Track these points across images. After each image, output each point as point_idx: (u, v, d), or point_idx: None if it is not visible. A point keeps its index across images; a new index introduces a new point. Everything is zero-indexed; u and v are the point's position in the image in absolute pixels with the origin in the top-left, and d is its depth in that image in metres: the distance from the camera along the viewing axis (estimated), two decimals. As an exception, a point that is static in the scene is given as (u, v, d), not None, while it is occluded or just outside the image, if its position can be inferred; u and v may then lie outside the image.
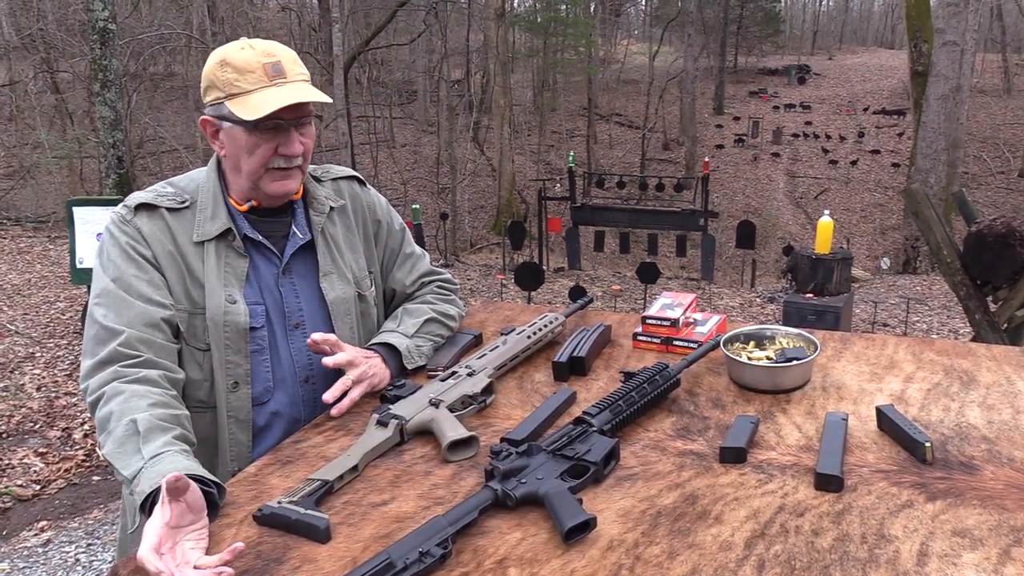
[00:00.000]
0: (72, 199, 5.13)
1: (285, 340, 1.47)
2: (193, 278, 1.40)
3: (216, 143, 1.44)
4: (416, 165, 22.97)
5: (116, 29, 7.76)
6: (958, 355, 1.55)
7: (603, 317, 1.83)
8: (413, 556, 0.93)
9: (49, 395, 4.90)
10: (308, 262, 1.52)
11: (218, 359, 1.40)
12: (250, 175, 1.41)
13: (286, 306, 1.48)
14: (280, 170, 1.42)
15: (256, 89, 1.36)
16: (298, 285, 1.50)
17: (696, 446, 1.23)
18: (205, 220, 1.43)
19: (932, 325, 7.43)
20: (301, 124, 1.41)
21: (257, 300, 1.44)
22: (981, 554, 0.94)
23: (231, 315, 1.39)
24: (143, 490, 1.12)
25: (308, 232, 1.52)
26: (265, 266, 1.48)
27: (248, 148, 1.39)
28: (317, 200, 1.54)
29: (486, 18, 17.91)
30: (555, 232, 11.92)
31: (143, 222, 1.40)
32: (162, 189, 1.47)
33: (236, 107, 1.35)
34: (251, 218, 1.47)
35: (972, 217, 4.21)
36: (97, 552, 3.38)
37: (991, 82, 29.41)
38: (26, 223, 12.30)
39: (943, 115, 11.46)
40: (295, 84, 1.39)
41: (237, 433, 1.42)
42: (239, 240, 1.44)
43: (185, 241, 1.41)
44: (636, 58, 34.81)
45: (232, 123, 1.38)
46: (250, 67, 1.36)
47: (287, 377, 1.47)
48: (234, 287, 1.42)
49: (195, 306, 1.40)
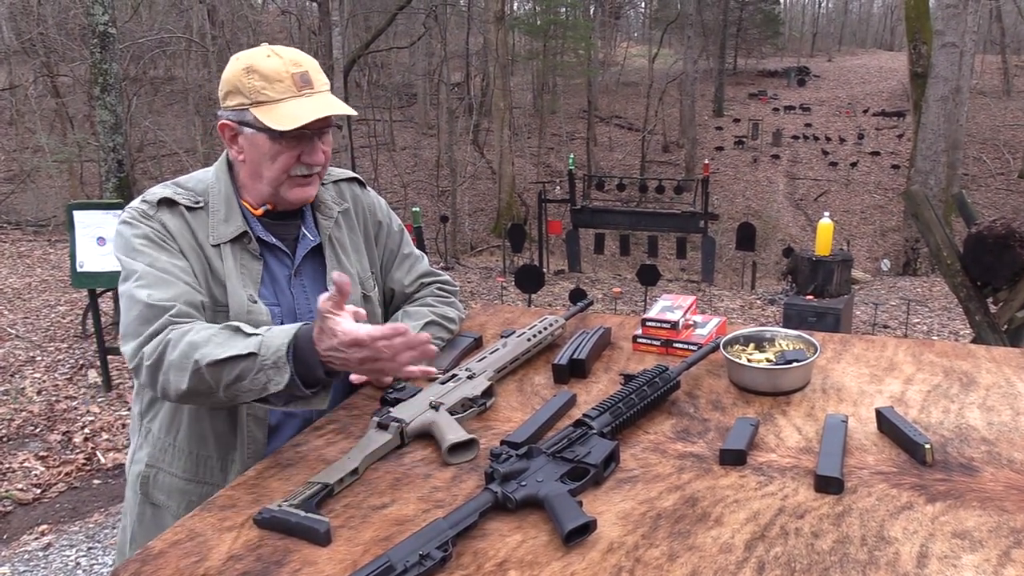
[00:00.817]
0: (72, 203, 5.13)
1: None
2: (215, 276, 1.41)
3: (235, 148, 1.44)
4: (416, 168, 22.98)
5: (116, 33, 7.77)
6: (958, 357, 1.55)
7: (603, 319, 1.83)
8: (413, 559, 0.93)
9: (50, 399, 4.90)
10: (317, 264, 1.53)
11: None
12: (272, 182, 1.42)
13: (297, 308, 1.49)
14: (301, 177, 1.43)
15: (285, 99, 1.37)
16: (308, 287, 1.52)
17: (696, 448, 1.23)
18: (218, 223, 1.43)
19: (932, 327, 7.43)
20: (323, 133, 1.43)
21: (273, 302, 1.46)
22: (981, 556, 0.94)
23: (254, 314, 1.39)
24: (280, 344, 1.18)
25: (317, 235, 1.54)
26: (278, 268, 1.49)
27: (271, 155, 1.40)
28: (324, 204, 1.56)
29: (486, 21, 17.94)
30: (555, 234, 11.93)
31: (166, 217, 1.40)
32: (174, 188, 1.46)
33: (264, 115, 1.36)
34: (264, 221, 1.48)
35: (972, 218, 4.21)
36: (98, 556, 3.38)
37: (990, 83, 29.43)
38: (26, 227, 12.32)
39: (943, 117, 11.47)
40: (322, 95, 1.40)
41: (254, 431, 1.43)
42: (254, 243, 1.44)
43: (204, 240, 1.42)
44: (635, 60, 34.82)
45: (256, 130, 1.38)
46: (279, 76, 1.37)
47: None
48: (251, 289, 1.42)
49: (216, 303, 1.40)
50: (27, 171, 14.29)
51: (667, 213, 11.64)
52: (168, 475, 1.45)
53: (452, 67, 23.34)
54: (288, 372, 1.17)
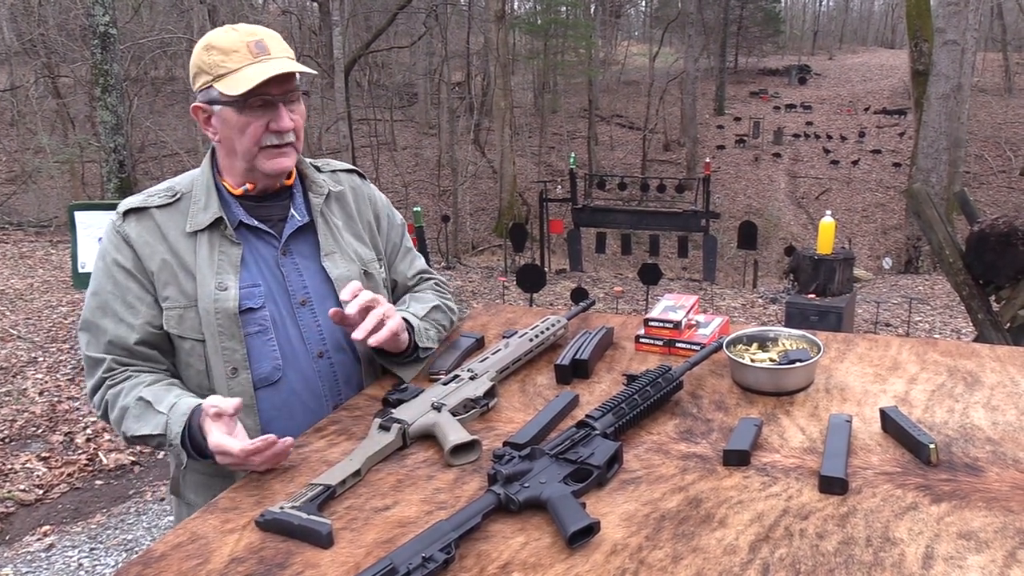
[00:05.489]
0: (74, 203, 5.13)
1: (292, 318, 1.49)
2: (186, 272, 1.43)
3: (209, 129, 1.46)
4: (417, 168, 22.98)
5: (117, 34, 7.77)
6: (962, 356, 1.54)
7: (605, 319, 1.83)
8: (416, 561, 0.93)
9: (52, 399, 4.91)
10: (308, 243, 1.55)
11: (213, 347, 1.42)
12: (245, 155, 1.44)
13: (289, 285, 1.50)
14: (273, 147, 1.44)
15: (241, 67, 1.38)
16: (300, 264, 1.52)
17: (699, 449, 1.23)
18: (198, 211, 1.46)
19: (935, 325, 7.42)
20: (290, 100, 1.44)
21: (255, 283, 1.46)
22: (987, 556, 0.93)
23: (220, 302, 1.41)
24: (176, 432, 1.29)
25: (307, 215, 1.55)
26: (266, 249, 1.50)
27: (239, 127, 1.41)
28: (316, 183, 1.58)
29: (486, 20, 17.93)
30: (556, 234, 11.91)
31: (131, 227, 1.44)
32: (155, 189, 1.51)
33: (223, 86, 1.38)
34: (247, 204, 1.50)
35: (974, 216, 4.20)
36: (100, 556, 3.38)
37: (992, 81, 29.39)
38: (28, 228, 12.33)
39: (944, 114, 11.45)
40: (279, 60, 1.41)
41: (243, 419, 1.42)
42: (230, 229, 1.46)
43: (177, 236, 1.44)
44: (636, 59, 34.80)
45: (222, 105, 1.41)
46: (235, 47, 1.39)
47: (299, 353, 1.49)
48: (228, 273, 1.43)
49: (188, 300, 1.42)
50: (28, 172, 14.30)
51: (668, 212, 11.62)
52: (193, 472, 1.47)
53: (453, 66, 23.33)
54: (186, 455, 1.33)
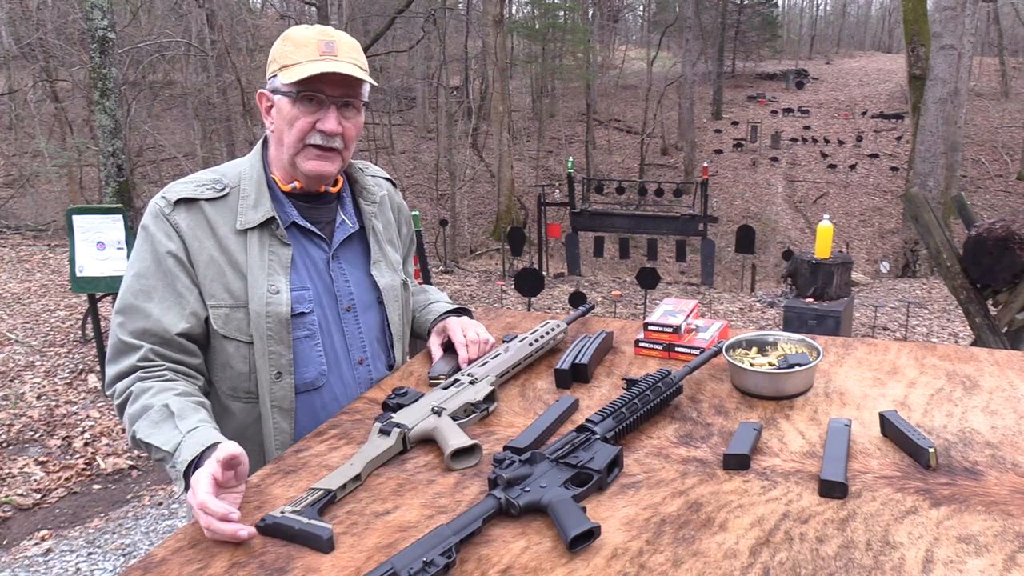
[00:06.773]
0: (72, 207, 5.12)
1: (338, 323, 1.50)
2: (235, 271, 1.40)
3: (268, 119, 1.47)
4: (415, 171, 22.99)
5: (115, 38, 7.78)
6: (960, 360, 1.55)
7: (605, 324, 1.83)
8: (417, 566, 0.93)
9: (49, 404, 4.90)
10: (356, 250, 1.55)
11: (261, 350, 1.41)
12: (290, 147, 1.43)
13: (337, 290, 1.50)
14: (316, 147, 1.43)
15: (306, 61, 1.39)
16: (347, 270, 1.53)
17: (699, 453, 1.23)
18: (247, 208, 1.43)
19: (932, 329, 7.43)
20: (345, 105, 1.43)
21: (304, 286, 1.46)
22: (986, 560, 0.93)
23: (273, 306, 1.40)
24: (185, 459, 1.20)
25: (356, 221, 1.56)
26: (315, 251, 1.50)
27: (290, 119, 1.42)
28: (367, 190, 1.59)
29: (484, 25, 17.96)
30: (555, 238, 11.94)
31: (181, 217, 1.40)
32: (202, 178, 1.47)
33: (285, 76, 1.39)
34: (299, 204, 1.49)
35: (971, 220, 4.21)
36: (98, 561, 3.37)
37: (988, 86, 29.49)
38: (26, 231, 12.31)
39: (941, 119, 11.48)
40: (343, 63, 1.41)
41: (280, 422, 1.44)
42: (282, 229, 1.44)
43: (227, 232, 1.41)
44: (634, 64, 34.88)
45: (281, 94, 1.42)
46: (305, 42, 1.40)
47: (341, 359, 1.50)
48: (279, 275, 1.42)
49: (236, 300, 1.40)
50: (26, 176, 14.29)
51: (666, 216, 11.65)
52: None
53: (451, 71, 23.36)
54: (183, 486, 1.22)
